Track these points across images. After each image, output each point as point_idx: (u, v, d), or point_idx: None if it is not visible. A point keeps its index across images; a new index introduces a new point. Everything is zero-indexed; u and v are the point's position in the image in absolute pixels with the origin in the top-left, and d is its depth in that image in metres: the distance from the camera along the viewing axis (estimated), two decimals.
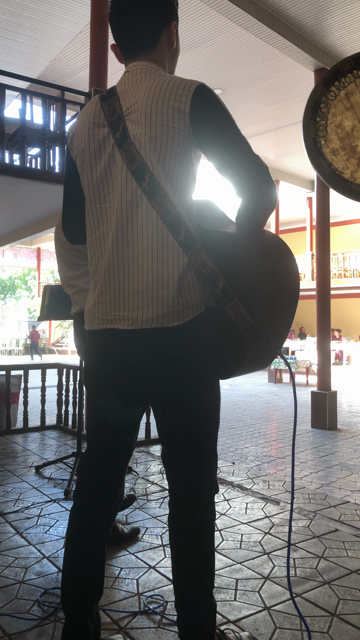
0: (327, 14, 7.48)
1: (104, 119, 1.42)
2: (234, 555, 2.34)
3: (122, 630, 1.77)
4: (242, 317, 1.31)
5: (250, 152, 1.34)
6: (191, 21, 7.72)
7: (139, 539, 2.52)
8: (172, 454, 1.45)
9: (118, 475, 1.50)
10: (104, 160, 1.42)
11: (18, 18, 7.62)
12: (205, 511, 1.44)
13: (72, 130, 1.53)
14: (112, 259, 1.39)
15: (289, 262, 1.45)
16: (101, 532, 1.48)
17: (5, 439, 4.74)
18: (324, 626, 1.80)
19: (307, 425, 8.20)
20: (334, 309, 10.74)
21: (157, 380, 1.40)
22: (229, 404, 10.29)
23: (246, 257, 1.37)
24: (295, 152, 13.69)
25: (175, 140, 1.36)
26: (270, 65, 9.04)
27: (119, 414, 1.45)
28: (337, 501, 3.11)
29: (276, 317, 1.40)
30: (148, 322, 1.35)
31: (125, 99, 1.41)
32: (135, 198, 1.37)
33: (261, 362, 1.45)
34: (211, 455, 1.45)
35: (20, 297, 33.57)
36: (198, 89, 1.35)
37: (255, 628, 1.78)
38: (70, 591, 1.45)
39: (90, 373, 1.50)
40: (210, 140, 1.36)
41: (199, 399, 1.41)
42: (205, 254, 1.35)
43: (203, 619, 1.43)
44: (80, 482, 1.50)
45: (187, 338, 1.36)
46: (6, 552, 2.37)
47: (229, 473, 3.67)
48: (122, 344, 1.39)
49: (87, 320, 1.48)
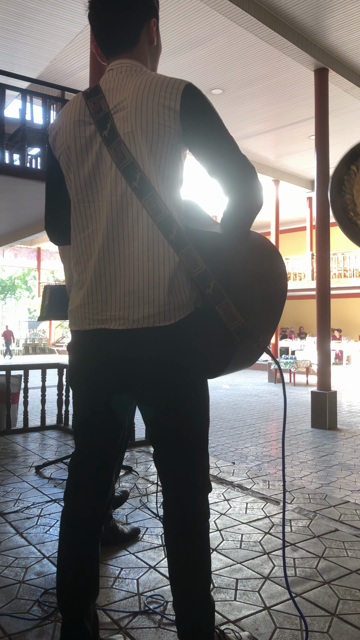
0: (327, 13, 7.48)
1: (89, 117, 1.40)
2: (234, 555, 2.34)
3: (122, 630, 1.78)
4: (233, 316, 1.32)
5: (239, 153, 1.36)
6: (191, 21, 7.72)
7: (139, 539, 2.52)
8: (163, 454, 1.45)
9: (107, 475, 1.49)
10: (92, 159, 1.40)
11: (18, 18, 7.63)
12: (199, 510, 1.44)
13: (54, 128, 1.50)
14: (102, 259, 1.38)
15: (277, 262, 1.48)
16: (93, 532, 1.47)
17: (5, 439, 4.74)
18: (324, 626, 1.80)
19: (307, 425, 8.20)
20: (334, 309, 10.75)
21: (148, 379, 1.39)
22: (229, 404, 10.29)
23: (236, 257, 1.38)
24: (295, 152, 13.69)
25: (167, 138, 1.35)
26: (270, 65, 9.04)
27: (107, 414, 1.45)
28: (337, 501, 3.11)
29: (265, 316, 1.42)
30: (139, 321, 1.34)
31: (111, 97, 1.40)
32: (125, 197, 1.36)
33: (248, 361, 1.47)
34: (203, 454, 1.45)
35: (20, 297, 33.58)
36: (187, 88, 1.35)
37: (255, 628, 1.78)
38: (66, 592, 1.45)
39: (78, 373, 1.48)
40: (200, 139, 1.37)
41: (189, 398, 1.41)
42: (196, 253, 1.35)
43: (201, 618, 1.43)
44: (69, 482, 1.50)
45: (178, 337, 1.37)
46: (6, 552, 2.37)
47: (229, 473, 3.67)
48: (113, 344, 1.38)
49: (73, 321, 1.46)
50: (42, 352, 27.60)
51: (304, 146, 13.15)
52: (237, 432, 7.61)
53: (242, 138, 12.68)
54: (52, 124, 1.52)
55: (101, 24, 1.47)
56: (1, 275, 32.79)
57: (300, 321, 22.73)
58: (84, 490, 1.47)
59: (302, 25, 7.76)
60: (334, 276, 18.47)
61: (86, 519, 1.47)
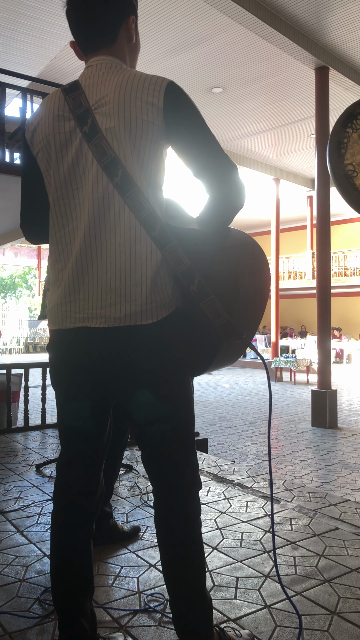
0: (327, 12, 7.47)
1: (69, 112, 1.39)
2: (234, 554, 2.34)
3: (122, 628, 1.78)
4: (218, 313, 1.31)
5: (222, 151, 1.37)
6: (192, 19, 7.71)
7: (139, 537, 2.52)
8: (151, 455, 1.44)
9: (95, 474, 1.48)
10: (71, 155, 1.39)
11: (18, 17, 7.62)
12: (190, 508, 1.44)
13: (32, 124, 1.47)
14: (84, 257, 1.36)
15: (259, 257, 1.48)
16: (84, 531, 1.47)
17: (6, 437, 4.75)
18: (324, 624, 1.80)
19: (308, 423, 8.21)
20: (335, 308, 10.75)
21: (130, 379, 1.38)
22: (230, 403, 10.29)
23: (219, 253, 1.38)
24: (295, 150, 13.68)
25: (150, 134, 1.35)
26: (270, 64, 9.03)
27: (90, 414, 1.44)
28: (338, 499, 3.11)
29: (249, 312, 1.43)
30: (121, 320, 1.33)
31: (91, 93, 1.39)
32: (107, 194, 1.34)
33: (233, 357, 1.48)
34: (191, 452, 1.45)
35: (20, 295, 33.57)
36: (170, 85, 1.36)
37: (255, 626, 1.78)
38: (60, 591, 1.45)
39: (59, 372, 1.46)
40: (182, 136, 1.37)
41: (174, 397, 1.40)
42: (180, 250, 1.34)
43: (199, 616, 1.43)
44: (57, 483, 1.49)
45: (161, 336, 1.36)
46: (7, 550, 2.38)
47: (230, 471, 3.67)
48: (95, 343, 1.36)
49: (52, 320, 1.43)
50: (43, 351, 27.57)
51: (305, 145, 13.14)
52: (237, 431, 7.61)
53: (243, 137, 12.67)
54: (30, 120, 1.49)
55: (79, 20, 1.46)
56: (2, 274, 32.80)
57: (301, 320, 22.72)
58: (72, 491, 1.47)
59: (303, 24, 7.75)
60: (335, 275, 18.46)
61: (76, 518, 1.46)
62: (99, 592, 2.01)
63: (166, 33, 8.05)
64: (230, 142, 12.99)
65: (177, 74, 9.31)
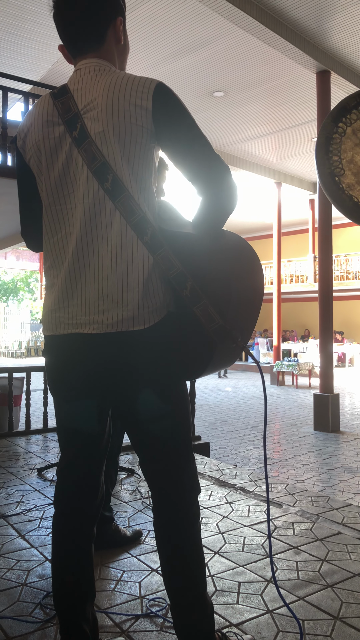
0: (328, 16, 7.49)
1: (58, 117, 1.38)
2: (236, 558, 2.33)
3: (124, 633, 1.77)
4: (211, 317, 1.31)
5: (213, 152, 1.35)
6: (193, 24, 7.74)
7: (141, 541, 2.51)
8: (149, 460, 1.44)
9: (94, 478, 1.47)
10: (62, 160, 1.38)
11: (21, 22, 7.65)
12: (189, 512, 1.43)
13: (22, 131, 1.45)
14: (76, 263, 1.35)
15: (253, 260, 1.47)
16: (85, 535, 1.46)
17: (7, 441, 4.74)
18: (327, 629, 1.79)
19: (310, 427, 8.19)
20: (337, 311, 10.73)
21: (125, 384, 1.38)
22: (232, 407, 10.28)
23: (212, 257, 1.37)
24: (297, 154, 13.69)
25: (139, 138, 1.34)
26: (272, 68, 9.05)
27: (87, 418, 1.43)
28: (340, 504, 3.10)
29: (244, 316, 1.42)
30: (113, 325, 1.32)
31: (80, 97, 1.38)
32: (98, 199, 1.34)
33: (228, 361, 1.47)
34: (188, 456, 1.44)
35: (22, 299, 33.61)
36: (158, 87, 1.34)
37: (257, 631, 1.77)
38: (61, 596, 1.44)
39: (55, 378, 1.46)
40: (173, 140, 1.35)
41: (169, 402, 1.40)
42: (172, 255, 1.34)
43: (200, 620, 1.42)
44: (57, 488, 1.49)
45: (154, 341, 1.35)
46: (8, 554, 2.37)
47: (232, 476, 3.66)
48: (88, 349, 1.36)
49: (47, 326, 1.43)
50: None
51: (306, 148, 13.15)
52: (239, 435, 7.60)
53: (244, 140, 12.69)
54: (20, 127, 1.48)
55: (66, 23, 1.44)
56: (3, 278, 32.84)
57: (304, 324, 22.70)
58: (72, 495, 1.46)
59: (304, 28, 7.77)
60: (337, 278, 18.45)
61: (77, 522, 1.46)
62: (101, 596, 2.00)
63: (167, 37, 8.07)
64: (231, 145, 13.01)
65: (179, 78, 9.33)
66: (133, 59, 8.70)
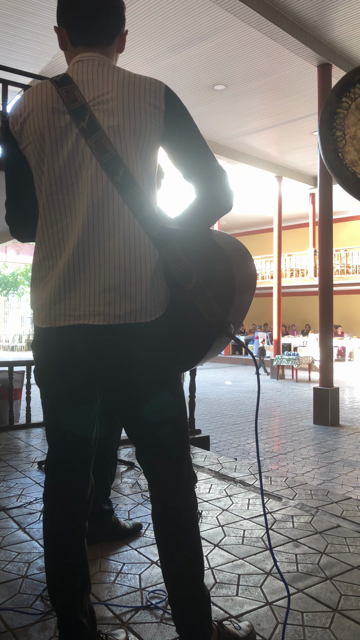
0: (330, 8, 7.45)
1: (63, 106, 1.36)
2: (235, 551, 2.35)
3: (124, 625, 1.78)
4: (214, 311, 1.35)
5: (213, 156, 1.42)
6: (194, 16, 7.69)
7: (141, 534, 2.53)
8: (149, 450, 1.44)
9: (84, 472, 1.47)
10: (67, 150, 1.36)
11: (21, 14, 7.61)
12: (186, 502, 1.44)
13: (20, 115, 1.39)
14: (80, 254, 1.34)
15: (249, 258, 1.54)
16: (76, 529, 1.46)
17: (8, 434, 4.75)
18: (326, 622, 1.80)
19: (310, 421, 8.21)
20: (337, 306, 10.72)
21: (128, 375, 1.38)
22: (231, 400, 10.29)
23: (217, 254, 1.41)
24: (298, 148, 13.65)
25: (151, 135, 1.37)
26: (273, 61, 9.01)
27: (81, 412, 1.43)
28: (339, 497, 3.11)
29: (240, 310, 1.47)
30: (120, 317, 1.33)
31: (87, 89, 1.37)
32: (106, 191, 1.33)
33: (218, 351, 1.52)
34: (186, 446, 1.47)
35: (22, 293, 33.57)
36: (167, 88, 1.40)
37: (257, 623, 1.78)
38: (56, 590, 1.45)
39: (50, 371, 1.42)
40: (179, 139, 1.40)
41: (172, 392, 1.42)
42: (179, 250, 1.37)
43: (198, 611, 1.43)
44: (47, 483, 1.48)
45: (158, 334, 1.38)
46: (9, 547, 2.38)
47: (231, 469, 3.67)
48: (92, 340, 1.35)
49: (43, 318, 1.39)
50: None
51: (307, 142, 13.11)
52: (239, 428, 7.62)
53: (245, 134, 12.65)
54: (16, 112, 1.42)
55: (85, 11, 1.42)
56: (4, 272, 32.81)
57: (304, 318, 22.70)
58: (61, 490, 1.46)
59: (306, 21, 7.73)
60: (337, 273, 18.43)
61: (67, 517, 1.45)
62: (101, 588, 2.01)
63: (168, 30, 8.03)
64: (232, 139, 12.97)
65: (180, 71, 9.30)
66: (134, 52, 8.66)
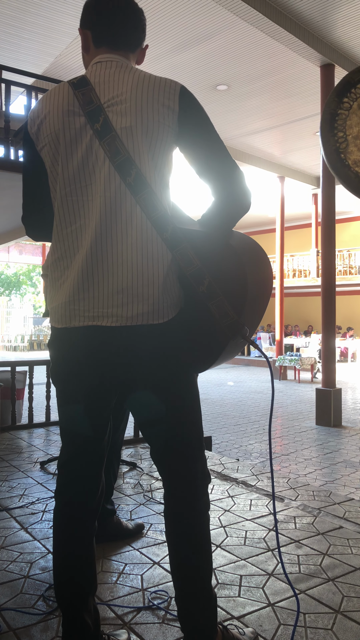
0: (333, 8, 7.43)
1: (79, 108, 1.37)
2: (238, 552, 2.34)
3: (126, 625, 1.78)
4: (226, 313, 1.34)
5: (230, 156, 1.41)
6: (197, 17, 7.69)
7: (143, 534, 2.52)
8: (165, 450, 1.45)
9: (96, 471, 1.48)
10: (81, 151, 1.37)
11: (23, 14, 7.61)
12: (200, 501, 1.45)
13: (38, 117, 1.42)
14: (94, 255, 1.35)
15: (265, 259, 1.52)
16: (86, 528, 1.47)
17: (10, 434, 4.76)
18: (328, 623, 1.80)
19: (312, 422, 8.19)
20: (339, 306, 10.72)
21: (144, 377, 1.39)
22: (234, 401, 10.29)
23: (229, 255, 1.40)
24: (301, 148, 13.63)
25: (164, 137, 1.37)
26: (276, 61, 8.99)
27: (95, 412, 1.44)
28: (342, 498, 3.11)
29: (255, 312, 1.46)
30: (133, 319, 1.34)
31: (103, 90, 1.38)
32: (119, 193, 1.34)
33: (233, 354, 1.50)
34: (201, 446, 1.48)
35: (25, 293, 33.64)
36: (182, 89, 1.39)
37: (259, 624, 1.78)
38: (63, 589, 1.46)
39: (65, 370, 1.44)
40: (194, 140, 1.40)
41: (187, 393, 1.43)
42: (191, 251, 1.36)
43: (204, 611, 1.43)
44: (59, 481, 1.49)
45: (171, 335, 1.38)
46: (11, 547, 2.38)
47: (234, 469, 3.67)
48: (107, 341, 1.36)
49: (59, 318, 1.41)
50: (47, 349, 27.57)
51: (310, 142, 13.09)
52: (241, 429, 7.61)
53: (248, 134, 12.64)
54: (34, 114, 1.45)
55: (115, 12, 1.47)
56: (6, 272, 32.86)
57: (306, 318, 22.67)
58: (73, 488, 1.47)
59: (309, 21, 7.71)
60: (339, 273, 18.41)
61: (78, 516, 1.46)
62: (103, 589, 2.01)
63: (171, 30, 8.02)
64: (234, 139, 12.96)
65: (182, 71, 9.29)
66: None
